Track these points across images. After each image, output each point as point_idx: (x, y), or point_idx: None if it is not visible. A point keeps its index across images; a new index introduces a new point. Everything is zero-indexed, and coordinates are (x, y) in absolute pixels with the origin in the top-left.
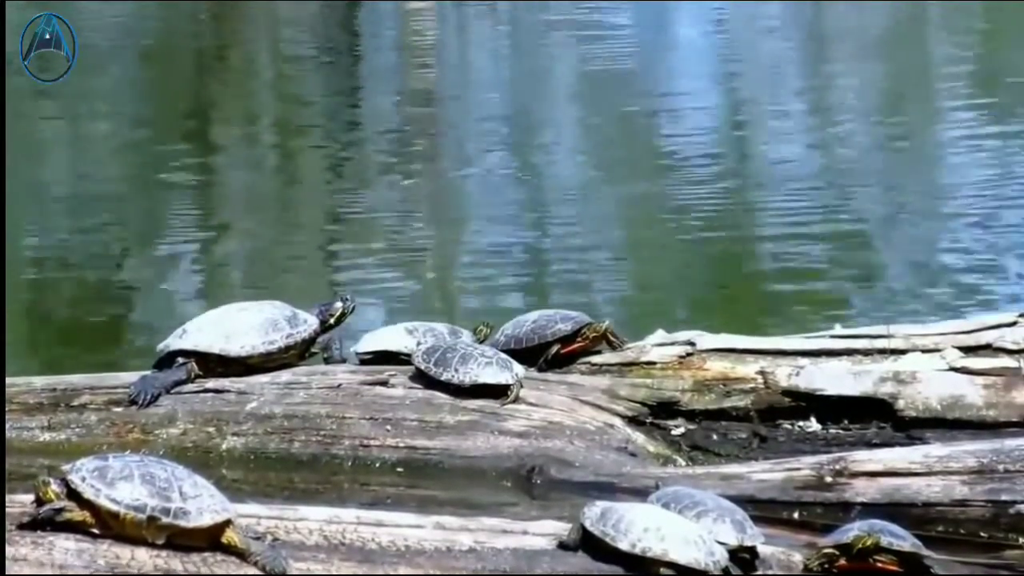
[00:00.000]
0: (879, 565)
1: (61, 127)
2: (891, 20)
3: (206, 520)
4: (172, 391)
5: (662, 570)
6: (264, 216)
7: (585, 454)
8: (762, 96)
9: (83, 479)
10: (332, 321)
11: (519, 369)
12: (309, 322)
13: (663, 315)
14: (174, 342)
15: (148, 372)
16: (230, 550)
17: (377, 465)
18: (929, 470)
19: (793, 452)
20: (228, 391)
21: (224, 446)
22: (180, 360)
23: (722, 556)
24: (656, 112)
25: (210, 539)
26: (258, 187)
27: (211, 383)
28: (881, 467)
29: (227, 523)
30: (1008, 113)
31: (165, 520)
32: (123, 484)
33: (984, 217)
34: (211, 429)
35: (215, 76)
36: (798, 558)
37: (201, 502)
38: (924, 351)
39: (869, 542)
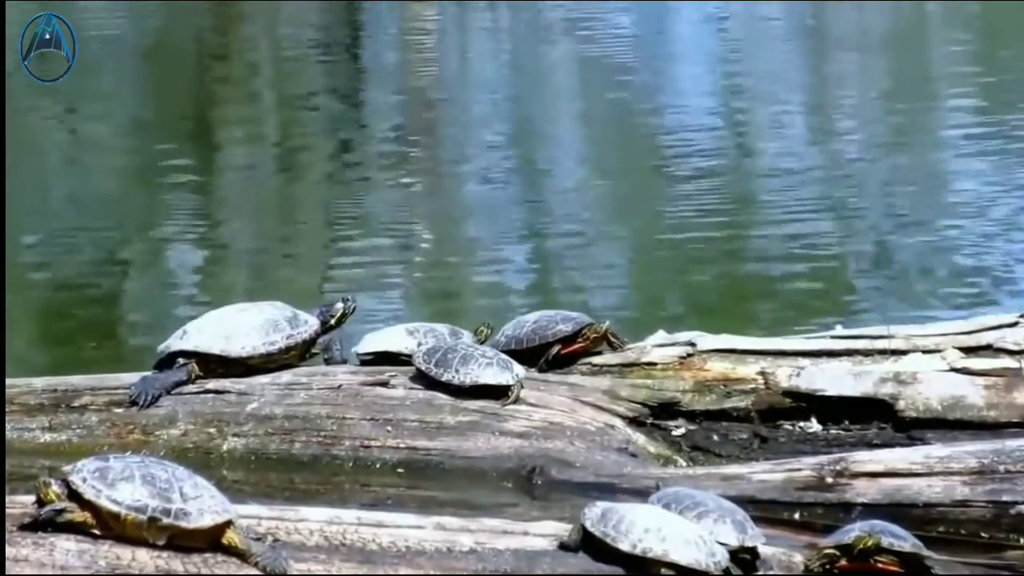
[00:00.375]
0: (880, 566)
1: (60, 126)
2: (891, 19)
3: (207, 521)
4: (173, 392)
5: (663, 571)
6: (264, 216)
7: (586, 455)
8: (764, 96)
9: (84, 480)
10: (333, 322)
11: (519, 370)
12: (310, 323)
13: (663, 315)
14: (175, 343)
15: (149, 373)
16: (231, 551)
17: (378, 466)
18: (930, 471)
19: (794, 453)
20: (229, 392)
21: (225, 447)
22: (181, 361)
23: (723, 557)
24: (657, 112)
25: (211, 540)
26: (258, 187)
27: (212, 384)
28: (882, 468)
29: (228, 524)
30: (1009, 113)
31: (166, 521)
32: (124, 485)
33: (986, 217)
34: (212, 430)
35: (215, 75)
36: (799, 559)
37: (202, 503)
38: (925, 352)
39: (870, 543)
